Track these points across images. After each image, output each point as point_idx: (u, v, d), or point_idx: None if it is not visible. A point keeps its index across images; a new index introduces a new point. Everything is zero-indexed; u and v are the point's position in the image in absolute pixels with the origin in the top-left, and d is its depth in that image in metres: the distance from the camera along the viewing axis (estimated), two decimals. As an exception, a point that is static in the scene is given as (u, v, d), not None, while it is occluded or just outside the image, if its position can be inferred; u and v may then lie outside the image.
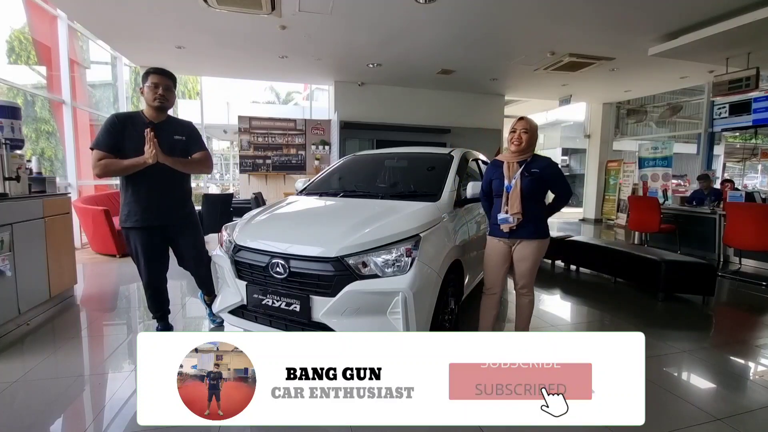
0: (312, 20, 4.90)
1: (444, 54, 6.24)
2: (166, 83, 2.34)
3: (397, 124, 8.47)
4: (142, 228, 2.37)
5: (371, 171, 3.50)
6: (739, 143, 13.53)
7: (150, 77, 2.31)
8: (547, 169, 2.33)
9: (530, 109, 12.59)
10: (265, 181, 8.38)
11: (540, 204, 2.37)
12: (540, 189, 2.34)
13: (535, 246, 2.35)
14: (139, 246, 2.40)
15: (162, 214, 2.40)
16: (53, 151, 5.96)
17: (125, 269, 4.74)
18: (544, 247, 2.40)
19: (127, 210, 2.36)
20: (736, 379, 2.42)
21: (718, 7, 4.41)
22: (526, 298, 2.47)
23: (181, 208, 2.51)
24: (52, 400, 2.01)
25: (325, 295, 2.06)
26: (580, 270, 4.91)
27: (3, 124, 3.07)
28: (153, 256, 2.45)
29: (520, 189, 2.28)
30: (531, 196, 2.30)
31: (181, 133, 2.44)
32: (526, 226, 2.31)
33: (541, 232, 2.36)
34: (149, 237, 2.41)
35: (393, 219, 2.30)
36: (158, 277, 2.53)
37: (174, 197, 2.46)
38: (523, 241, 2.35)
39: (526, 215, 2.29)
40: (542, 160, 2.37)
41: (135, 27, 5.27)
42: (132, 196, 2.35)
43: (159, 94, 2.30)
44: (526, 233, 2.33)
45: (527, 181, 2.29)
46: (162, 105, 2.34)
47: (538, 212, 2.34)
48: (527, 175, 2.30)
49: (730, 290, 4.40)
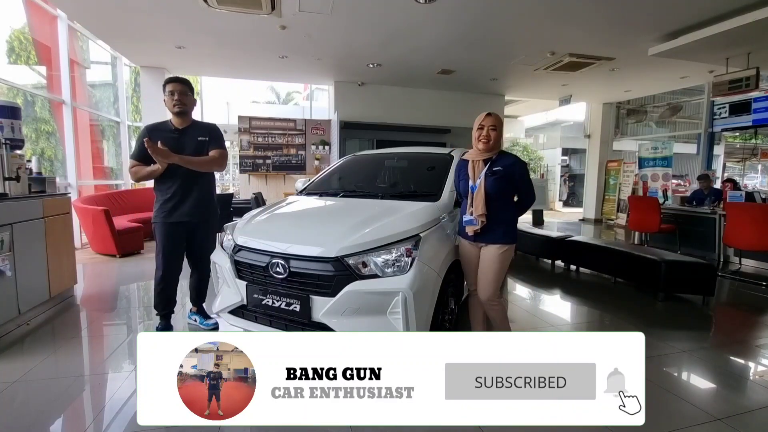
0: (312, 20, 4.90)
1: (444, 54, 6.24)
2: (181, 88, 2.54)
3: (397, 124, 8.47)
4: (170, 223, 2.61)
5: (371, 171, 3.50)
6: (739, 143, 13.54)
7: (166, 87, 2.55)
8: (512, 167, 2.17)
9: (530, 109, 12.61)
10: (265, 181, 8.38)
11: (508, 205, 2.22)
12: (506, 188, 2.18)
13: (501, 252, 2.18)
14: (162, 239, 2.62)
15: (189, 211, 2.63)
16: (53, 151, 5.96)
17: (125, 269, 4.74)
18: (510, 253, 2.22)
19: (158, 206, 2.62)
20: (736, 379, 2.42)
21: (718, 7, 4.41)
22: (493, 310, 2.26)
23: (205, 207, 2.73)
24: (52, 400, 2.01)
25: (325, 295, 2.06)
26: (580, 270, 4.91)
27: (3, 124, 3.07)
28: (173, 251, 2.65)
29: (485, 189, 2.15)
30: (497, 197, 2.16)
31: (204, 134, 2.66)
32: (491, 229, 2.17)
33: (507, 236, 2.19)
34: (174, 232, 2.63)
35: (393, 219, 2.29)
36: (173, 272, 2.68)
37: (197, 197, 2.66)
38: (490, 246, 2.20)
39: (491, 217, 2.16)
40: (507, 158, 2.21)
41: (135, 27, 5.27)
42: (164, 194, 2.61)
43: (176, 99, 2.52)
44: (491, 237, 2.18)
45: (491, 181, 2.15)
46: (181, 109, 2.56)
47: (505, 214, 2.20)
48: (491, 174, 2.16)
49: (730, 290, 4.40)
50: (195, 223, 2.68)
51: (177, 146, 2.51)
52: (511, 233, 2.21)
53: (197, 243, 2.76)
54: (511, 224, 2.23)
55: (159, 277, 2.65)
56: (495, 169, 2.16)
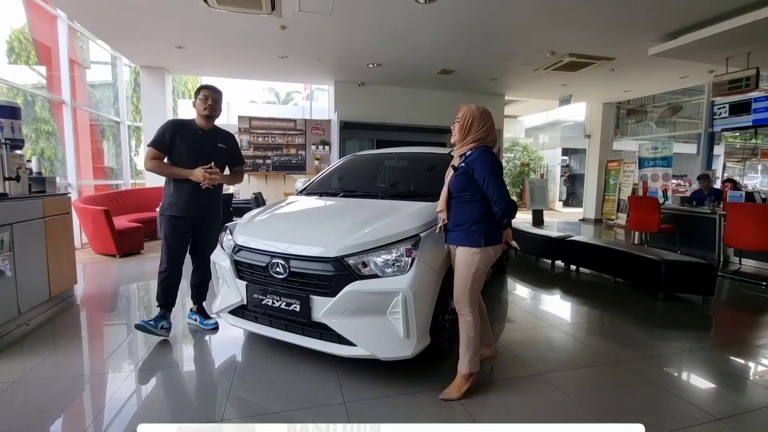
0: (312, 20, 4.90)
1: (444, 54, 6.24)
2: (215, 96, 2.73)
3: (397, 124, 8.46)
4: (179, 217, 2.68)
5: (371, 171, 3.51)
6: (739, 143, 13.53)
7: (201, 92, 2.72)
8: (471, 162, 1.95)
9: (530, 109, 12.62)
10: (265, 181, 8.38)
11: (473, 205, 1.99)
12: (466, 185, 1.98)
13: (464, 255, 1.99)
14: (171, 231, 2.69)
15: (196, 208, 2.71)
16: (53, 151, 5.96)
17: (125, 269, 4.74)
18: (475, 257, 1.96)
19: (169, 200, 2.69)
20: (736, 379, 2.42)
21: (718, 7, 4.41)
22: (461, 317, 2.05)
23: (215, 206, 2.85)
24: (52, 400, 2.01)
25: (325, 295, 2.06)
26: (580, 270, 4.91)
27: (3, 124, 3.06)
28: (179, 244, 2.73)
29: (448, 186, 2.04)
30: (458, 195, 2.00)
31: (223, 141, 2.83)
32: (452, 229, 2.04)
33: (472, 238, 1.96)
34: (182, 226, 2.71)
35: (393, 219, 2.30)
36: (177, 265, 2.74)
37: (210, 197, 2.77)
38: (457, 248, 2.05)
39: (451, 217, 2.03)
40: (474, 152, 1.99)
41: (135, 27, 5.26)
42: (178, 190, 2.69)
43: (209, 104, 2.70)
44: (452, 238, 2.05)
45: (453, 178, 2.02)
46: (211, 114, 2.73)
47: (467, 215, 1.99)
48: (454, 171, 2.02)
49: (730, 290, 4.40)
50: (202, 220, 2.77)
51: (199, 146, 2.69)
52: (473, 235, 1.96)
53: (203, 240, 2.82)
54: (475, 225, 1.97)
55: (164, 268, 2.71)
56: (459, 165, 2.02)
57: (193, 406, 1.99)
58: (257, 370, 2.35)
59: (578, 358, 2.60)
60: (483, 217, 1.98)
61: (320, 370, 2.30)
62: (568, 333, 3.02)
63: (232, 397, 2.05)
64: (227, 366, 2.40)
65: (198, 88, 2.76)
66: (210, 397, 2.07)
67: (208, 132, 2.77)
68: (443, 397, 2.01)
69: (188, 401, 2.04)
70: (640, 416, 1.96)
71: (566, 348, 2.76)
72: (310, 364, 2.36)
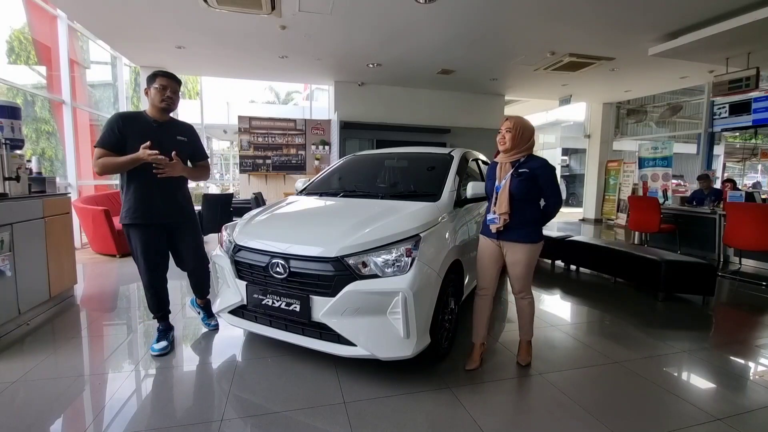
0: (312, 20, 4.90)
1: (444, 54, 6.24)
2: (174, 86, 2.41)
3: (397, 124, 8.47)
4: (143, 225, 2.39)
5: (371, 171, 3.50)
6: (739, 143, 13.54)
7: (158, 79, 2.36)
8: (538, 170, 2.24)
9: (530, 109, 12.60)
10: (265, 181, 8.38)
11: (532, 206, 2.29)
12: (530, 190, 2.25)
13: (526, 250, 2.27)
14: (140, 244, 2.41)
15: (164, 212, 2.43)
16: (53, 151, 5.96)
17: (125, 269, 4.74)
18: (535, 251, 2.31)
19: (127, 206, 2.37)
20: (736, 379, 2.42)
21: (718, 7, 4.41)
22: (525, 300, 2.42)
23: (183, 208, 2.55)
24: (52, 400, 2.01)
25: (325, 295, 2.06)
26: (580, 270, 4.91)
27: (3, 124, 3.06)
28: (154, 256, 2.46)
29: (509, 189, 2.23)
30: (521, 197, 2.23)
31: (183, 134, 2.53)
32: (514, 228, 2.25)
33: (532, 235, 2.27)
34: (150, 235, 2.43)
35: (393, 219, 2.30)
36: (159, 277, 2.52)
37: (176, 197, 2.50)
38: (515, 245, 2.28)
39: (514, 217, 2.23)
40: (535, 161, 2.28)
41: (135, 27, 5.26)
42: (134, 193, 2.37)
43: (167, 96, 2.38)
44: (514, 236, 2.26)
45: (516, 182, 2.23)
46: (168, 107, 2.42)
47: (528, 215, 2.26)
48: (516, 176, 2.24)
49: (730, 290, 4.40)
50: (175, 225, 2.51)
51: (156, 140, 2.29)
52: (534, 233, 2.28)
53: (184, 246, 2.58)
54: (535, 225, 2.29)
55: (146, 282, 2.48)
56: (521, 171, 2.24)
57: (193, 406, 1.98)
58: (257, 370, 2.35)
59: (578, 358, 2.60)
60: (539, 217, 2.32)
61: (320, 370, 2.31)
62: (568, 333, 3.02)
63: (232, 397, 2.05)
64: (227, 366, 2.40)
65: (153, 74, 2.39)
66: (210, 397, 2.07)
67: (164, 124, 2.43)
68: (522, 363, 2.44)
69: (188, 401, 2.04)
70: (640, 416, 1.96)
71: (566, 348, 2.76)
72: (310, 364, 2.36)
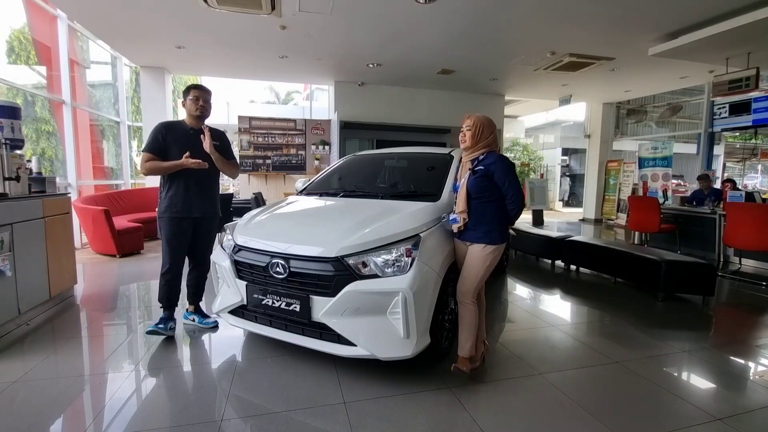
0: (312, 20, 4.90)
1: (444, 54, 6.24)
2: (205, 96, 2.75)
3: (397, 124, 8.46)
4: (179, 218, 2.69)
5: (371, 171, 3.51)
6: (739, 143, 13.54)
7: (191, 92, 2.74)
8: (492, 165, 2.16)
9: (530, 109, 12.61)
10: (265, 181, 8.38)
11: (492, 205, 2.18)
12: (487, 188, 2.16)
13: (481, 252, 2.15)
14: (172, 233, 2.70)
15: (198, 207, 2.74)
16: (53, 151, 5.96)
17: (125, 269, 4.74)
18: (493, 253, 2.16)
19: (168, 202, 2.69)
20: (736, 379, 2.42)
21: (718, 7, 4.41)
22: (464, 306, 2.22)
23: (213, 205, 2.88)
24: (52, 400, 2.01)
25: (325, 295, 2.06)
26: (580, 270, 4.91)
27: (3, 124, 3.06)
28: (181, 244, 2.74)
29: (466, 188, 2.18)
30: (477, 196, 2.16)
31: (216, 139, 2.82)
32: (472, 228, 2.19)
33: (490, 235, 2.15)
34: (182, 227, 2.71)
35: (393, 219, 2.30)
36: (179, 266, 2.75)
37: (209, 195, 2.82)
38: (472, 245, 2.20)
39: (472, 216, 2.18)
40: (490, 157, 2.20)
41: (135, 27, 5.26)
42: (174, 190, 2.69)
43: (200, 105, 2.73)
44: (472, 236, 2.19)
45: (472, 180, 2.18)
46: (202, 114, 2.76)
47: (488, 215, 2.17)
48: (472, 174, 2.19)
49: (730, 290, 4.40)
50: (201, 219, 2.78)
51: (193, 145, 2.69)
52: (492, 233, 2.15)
53: (202, 239, 2.84)
54: (493, 224, 2.17)
55: (166, 270, 2.72)
56: (477, 169, 2.19)
57: (193, 406, 1.98)
58: (257, 370, 2.35)
59: (578, 358, 2.60)
60: (501, 216, 2.20)
61: (320, 370, 2.31)
62: (568, 333, 3.02)
63: (232, 397, 2.05)
64: (227, 366, 2.40)
65: (187, 88, 2.77)
66: (210, 397, 2.07)
67: (199, 131, 2.78)
68: (452, 370, 2.19)
69: (188, 401, 2.04)
70: (640, 416, 1.96)
71: (566, 348, 2.76)
72: (310, 364, 2.36)
